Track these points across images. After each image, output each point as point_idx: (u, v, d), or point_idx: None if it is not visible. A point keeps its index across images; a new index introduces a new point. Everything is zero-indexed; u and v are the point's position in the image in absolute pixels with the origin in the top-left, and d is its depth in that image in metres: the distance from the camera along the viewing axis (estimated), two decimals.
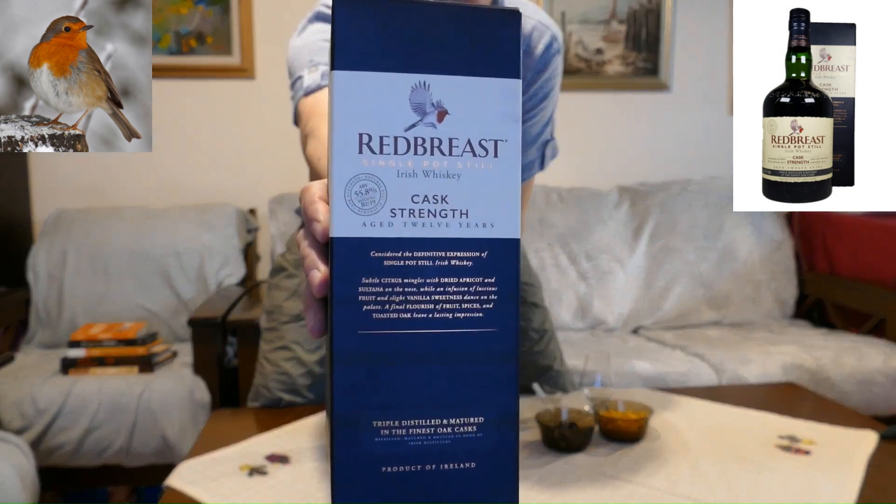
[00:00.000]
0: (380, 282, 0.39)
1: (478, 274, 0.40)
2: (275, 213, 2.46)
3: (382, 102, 0.38)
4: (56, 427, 1.80)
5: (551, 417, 1.22)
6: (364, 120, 0.38)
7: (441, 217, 0.39)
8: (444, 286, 0.39)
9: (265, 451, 1.21)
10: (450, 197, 0.39)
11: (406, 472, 0.39)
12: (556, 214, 2.54)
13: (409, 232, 0.39)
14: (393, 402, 0.39)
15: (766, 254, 2.59)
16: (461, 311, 0.39)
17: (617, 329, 2.48)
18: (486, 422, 0.40)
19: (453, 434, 0.39)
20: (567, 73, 2.72)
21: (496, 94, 0.39)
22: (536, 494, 1.04)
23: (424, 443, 0.39)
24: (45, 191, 2.55)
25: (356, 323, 0.38)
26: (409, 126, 0.39)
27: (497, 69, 0.39)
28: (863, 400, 1.98)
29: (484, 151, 0.39)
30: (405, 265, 0.39)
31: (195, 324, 1.92)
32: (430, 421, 0.39)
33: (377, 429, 0.39)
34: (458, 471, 0.40)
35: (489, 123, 0.40)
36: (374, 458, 0.39)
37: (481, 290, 0.40)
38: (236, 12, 2.54)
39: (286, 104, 2.76)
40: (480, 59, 0.39)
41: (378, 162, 0.38)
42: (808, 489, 1.05)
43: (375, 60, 0.38)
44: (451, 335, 0.39)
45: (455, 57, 0.39)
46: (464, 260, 0.39)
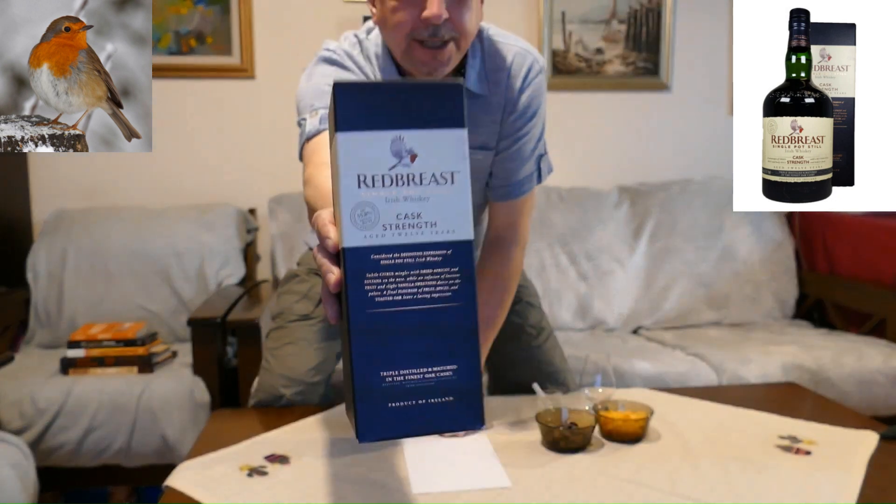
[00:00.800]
0: (378, 275, 0.55)
1: (445, 266, 0.56)
2: (274, 213, 2.46)
3: (372, 152, 0.54)
4: (56, 427, 1.80)
5: (551, 417, 1.23)
6: (360, 165, 0.54)
7: (418, 228, 0.55)
8: (423, 276, 0.55)
9: (265, 451, 1.21)
10: (423, 214, 0.55)
11: (405, 406, 0.55)
12: (556, 214, 2.54)
13: (397, 240, 0.55)
14: (393, 357, 0.55)
15: (767, 254, 2.59)
16: (436, 293, 0.56)
17: (617, 329, 2.48)
18: (458, 368, 0.56)
19: (436, 378, 0.55)
20: (567, 73, 2.72)
21: (449, 140, 0.56)
22: (536, 494, 1.04)
23: (417, 385, 0.55)
24: (44, 191, 2.55)
25: (365, 304, 0.55)
26: (391, 167, 0.55)
27: (448, 123, 0.56)
28: (863, 400, 1.98)
29: (444, 181, 0.56)
30: (395, 262, 0.55)
31: (195, 324, 1.92)
32: (420, 369, 0.55)
33: (384, 377, 0.55)
34: (441, 403, 0.56)
35: (446, 161, 0.56)
36: (383, 396, 0.55)
37: (449, 277, 0.56)
38: (236, 12, 2.54)
39: (286, 104, 2.77)
40: (436, 117, 0.56)
41: (372, 193, 0.55)
42: (808, 489, 1.05)
43: (365, 123, 0.54)
44: (430, 309, 0.56)
45: (419, 118, 0.55)
46: (435, 256, 0.56)
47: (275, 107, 2.62)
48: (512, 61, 1.21)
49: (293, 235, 2.41)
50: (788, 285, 2.59)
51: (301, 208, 2.43)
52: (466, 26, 1.09)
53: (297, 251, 2.39)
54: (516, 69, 1.21)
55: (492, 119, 1.23)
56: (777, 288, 2.58)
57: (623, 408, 1.27)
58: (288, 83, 2.65)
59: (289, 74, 2.63)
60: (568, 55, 2.71)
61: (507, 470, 1.11)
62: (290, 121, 2.59)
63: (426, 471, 1.12)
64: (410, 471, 1.12)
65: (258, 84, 2.61)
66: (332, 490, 1.06)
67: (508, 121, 1.23)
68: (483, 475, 1.10)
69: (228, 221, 2.44)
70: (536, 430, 1.23)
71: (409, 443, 1.22)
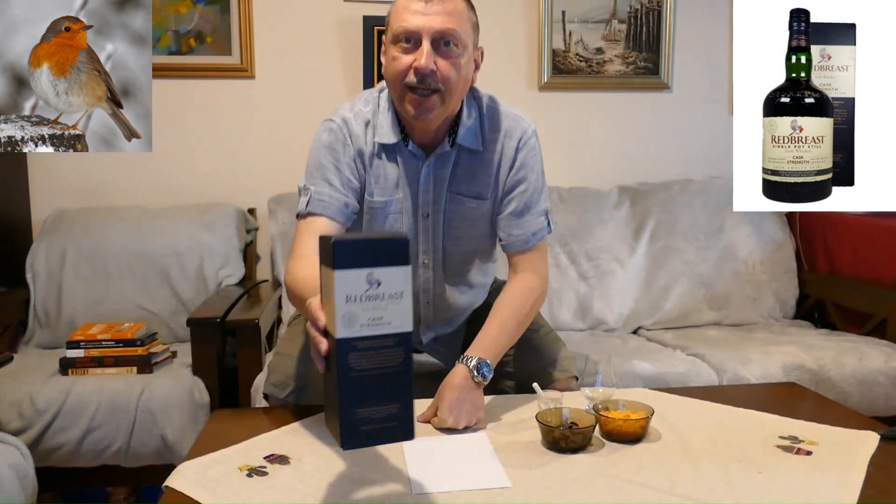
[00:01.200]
0: (357, 353, 0.89)
1: (395, 347, 0.91)
2: (274, 213, 2.46)
3: (355, 281, 0.88)
4: (55, 427, 1.80)
5: (551, 417, 1.22)
6: (348, 289, 0.88)
7: (380, 326, 0.89)
8: (382, 352, 0.90)
9: (265, 451, 1.21)
10: (384, 317, 0.90)
11: (370, 429, 0.91)
12: (556, 214, 2.52)
13: (368, 333, 0.89)
14: (364, 400, 0.90)
15: (767, 254, 2.59)
16: (389, 362, 0.90)
17: (617, 329, 2.48)
18: (400, 406, 0.92)
19: (387, 412, 0.91)
20: (567, 72, 2.72)
21: (400, 272, 0.90)
22: (536, 494, 1.04)
23: (377, 416, 0.91)
24: (44, 191, 2.55)
25: (348, 371, 0.89)
26: (366, 290, 0.88)
27: (399, 262, 0.90)
28: (863, 400, 1.98)
29: (396, 296, 0.90)
30: (367, 346, 0.89)
31: (194, 324, 1.92)
32: (379, 407, 0.91)
33: (358, 412, 0.90)
34: (390, 426, 0.91)
35: (398, 284, 0.90)
36: (358, 422, 0.90)
37: (396, 353, 0.91)
38: (236, 12, 2.54)
39: (286, 104, 2.77)
40: (392, 259, 0.89)
41: (355, 306, 0.88)
42: (808, 490, 1.05)
43: (352, 264, 0.88)
44: (385, 373, 0.90)
45: (382, 259, 0.89)
46: (389, 342, 0.90)
47: (274, 106, 2.61)
48: (508, 125, 1.43)
49: (293, 235, 2.41)
50: (789, 285, 2.59)
51: None
52: (451, 81, 1.30)
53: None
54: (512, 131, 1.43)
55: (487, 173, 1.43)
56: (777, 288, 2.58)
57: (623, 408, 1.27)
58: (288, 83, 2.66)
59: (289, 74, 2.63)
60: (568, 55, 2.71)
61: (507, 470, 1.11)
62: (289, 121, 2.61)
63: (426, 471, 1.12)
64: (410, 471, 1.12)
65: (258, 84, 2.61)
66: (332, 490, 1.06)
67: (510, 176, 1.44)
68: (483, 475, 1.10)
69: (228, 221, 2.44)
70: (536, 430, 1.22)
71: (408, 443, 1.23)
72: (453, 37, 1.29)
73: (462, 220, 1.45)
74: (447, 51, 1.29)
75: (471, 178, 1.42)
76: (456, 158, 1.41)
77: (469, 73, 1.36)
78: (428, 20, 1.27)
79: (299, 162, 1.49)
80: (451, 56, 1.30)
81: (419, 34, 1.28)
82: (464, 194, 1.43)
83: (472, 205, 1.44)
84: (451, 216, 1.45)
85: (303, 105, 2.62)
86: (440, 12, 1.28)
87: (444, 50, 1.29)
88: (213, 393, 1.90)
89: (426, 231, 1.45)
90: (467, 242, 1.49)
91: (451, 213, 1.44)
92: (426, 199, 1.43)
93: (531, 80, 2.73)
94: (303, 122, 2.62)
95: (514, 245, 1.45)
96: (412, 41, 1.29)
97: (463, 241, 1.48)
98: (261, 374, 1.85)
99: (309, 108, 2.61)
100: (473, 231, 1.47)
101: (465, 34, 1.31)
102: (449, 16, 1.28)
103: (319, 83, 2.62)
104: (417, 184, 1.41)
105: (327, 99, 2.62)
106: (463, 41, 1.31)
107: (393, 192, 1.42)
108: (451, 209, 1.44)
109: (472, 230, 1.47)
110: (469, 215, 1.45)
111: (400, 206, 1.43)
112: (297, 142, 2.66)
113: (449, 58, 1.29)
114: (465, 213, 1.45)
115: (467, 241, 1.49)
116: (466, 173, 1.42)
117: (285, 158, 2.61)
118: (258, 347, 1.93)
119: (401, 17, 1.29)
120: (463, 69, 1.32)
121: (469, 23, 1.33)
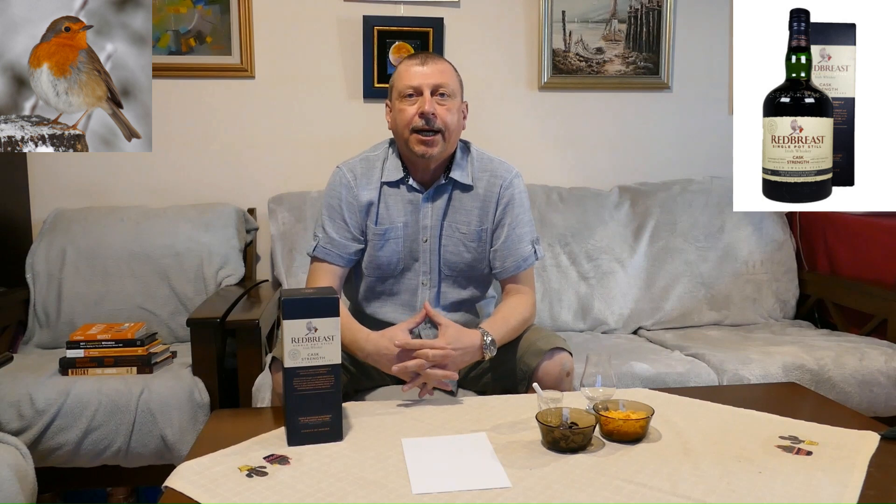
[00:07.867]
0: (299, 379, 1.26)
1: (327, 375, 1.26)
2: (274, 213, 2.45)
3: (298, 327, 1.24)
4: (55, 428, 1.80)
5: (551, 417, 1.22)
6: (294, 332, 1.25)
7: (317, 359, 1.25)
8: (317, 378, 1.26)
9: (265, 451, 1.21)
10: (319, 353, 1.25)
11: (310, 431, 1.26)
12: (556, 214, 2.54)
13: (308, 364, 1.25)
14: (305, 411, 1.26)
15: (767, 254, 2.59)
16: (322, 385, 1.26)
17: (617, 329, 2.48)
18: (331, 416, 1.27)
19: (321, 420, 1.26)
20: (567, 72, 2.72)
21: (331, 322, 1.26)
22: (536, 494, 1.04)
23: (315, 423, 1.26)
24: (44, 191, 2.55)
25: (293, 391, 1.25)
26: (307, 334, 1.25)
27: (331, 314, 1.26)
28: (864, 400, 1.98)
29: (329, 339, 1.25)
30: (307, 374, 1.25)
31: (194, 324, 1.92)
32: (316, 417, 1.26)
33: (300, 419, 1.25)
34: (324, 431, 1.26)
35: (330, 330, 1.25)
36: (301, 427, 1.26)
37: (328, 379, 1.26)
38: (236, 12, 2.53)
39: (286, 104, 2.77)
40: (325, 312, 1.25)
41: (298, 345, 1.24)
42: (809, 490, 1.05)
43: (296, 315, 1.24)
44: (320, 393, 1.26)
45: (319, 312, 1.25)
46: (324, 371, 1.26)
47: (274, 106, 2.61)
48: (494, 168, 1.71)
49: (293, 235, 2.41)
50: (789, 285, 2.59)
51: (300, 208, 2.43)
52: (450, 123, 1.61)
53: (297, 251, 2.39)
54: (498, 172, 1.71)
55: (476, 206, 1.69)
56: (778, 288, 2.58)
57: (623, 408, 1.27)
58: (288, 83, 2.66)
59: (289, 74, 2.63)
60: (568, 55, 2.71)
61: (507, 470, 1.11)
62: (289, 121, 2.60)
63: (426, 471, 1.12)
64: (410, 471, 1.12)
65: (258, 84, 2.60)
66: (332, 490, 1.06)
67: (498, 210, 1.69)
68: (483, 475, 1.10)
69: (228, 221, 2.44)
70: (536, 430, 1.23)
71: (409, 443, 1.23)
72: (447, 88, 1.62)
73: (456, 244, 1.68)
74: (443, 100, 1.61)
75: (463, 209, 1.69)
76: (450, 193, 1.68)
77: (460, 119, 1.66)
78: (427, 77, 1.60)
79: (299, 162, 1.49)
80: (447, 104, 1.61)
81: (421, 87, 1.60)
82: (457, 222, 1.68)
83: (464, 230, 1.69)
84: (447, 242, 1.68)
85: (303, 105, 2.62)
86: (435, 71, 1.62)
87: (441, 99, 1.61)
88: (212, 393, 1.90)
89: (425, 253, 1.68)
90: (462, 266, 1.70)
91: (446, 238, 1.68)
92: (424, 224, 1.67)
93: (531, 80, 2.73)
94: (303, 122, 2.62)
95: (506, 271, 1.69)
96: (415, 94, 1.61)
97: (458, 265, 1.69)
98: (261, 375, 1.85)
99: (309, 108, 2.61)
100: (467, 255, 1.70)
101: (454, 87, 1.64)
102: (442, 73, 1.62)
103: (319, 83, 2.62)
104: (418, 213, 1.67)
105: (327, 99, 2.62)
106: (454, 91, 1.64)
107: (396, 219, 1.67)
108: (447, 235, 1.68)
109: (466, 254, 1.69)
110: (462, 240, 1.69)
111: (401, 232, 1.67)
112: (296, 142, 2.66)
113: (445, 105, 1.61)
114: (458, 238, 1.68)
115: (462, 266, 1.70)
116: (459, 205, 1.68)
117: (285, 158, 2.60)
118: (258, 348, 1.92)
119: (404, 78, 1.62)
120: (456, 114, 1.63)
121: (456, 79, 1.66)
